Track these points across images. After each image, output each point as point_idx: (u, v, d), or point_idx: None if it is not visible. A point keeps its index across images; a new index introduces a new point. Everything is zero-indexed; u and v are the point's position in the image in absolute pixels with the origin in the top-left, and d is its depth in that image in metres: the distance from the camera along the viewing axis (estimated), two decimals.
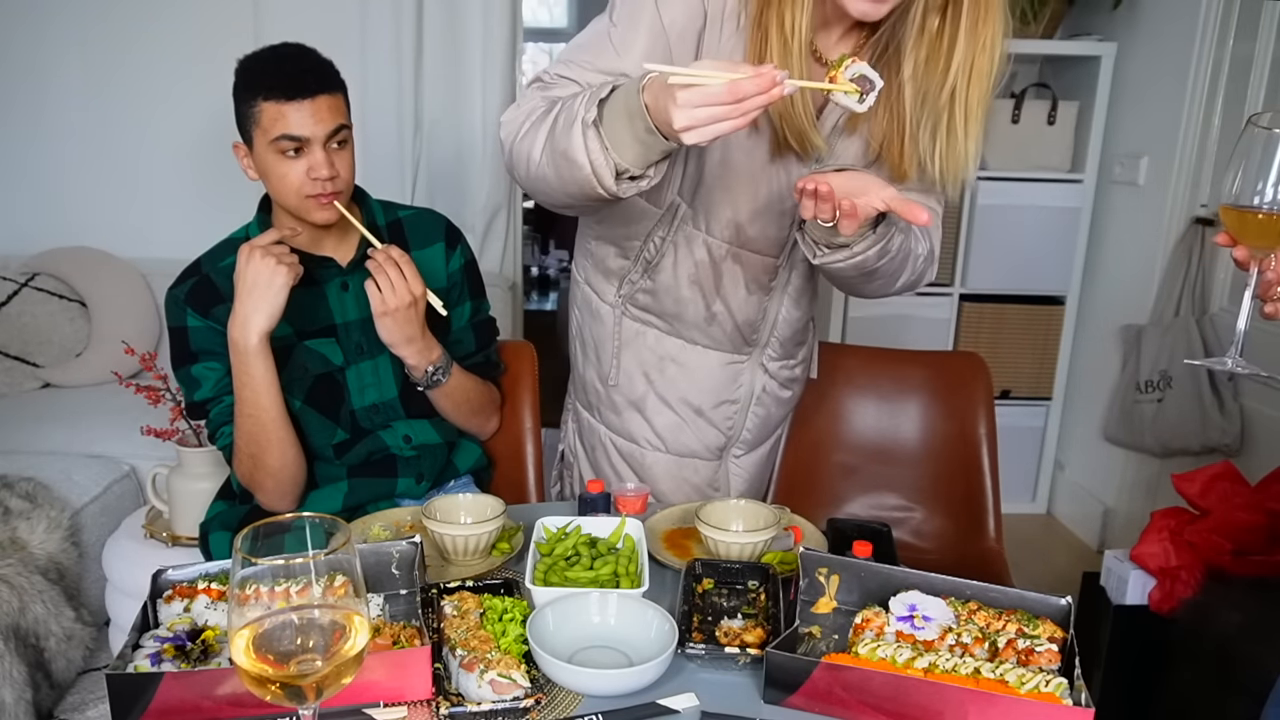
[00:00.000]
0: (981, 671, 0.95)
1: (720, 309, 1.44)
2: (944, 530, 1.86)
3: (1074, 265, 3.15)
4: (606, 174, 1.06)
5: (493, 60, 2.93)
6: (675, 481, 1.56)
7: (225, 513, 1.54)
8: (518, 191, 3.15)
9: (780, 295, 1.47)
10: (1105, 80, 2.99)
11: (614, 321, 1.50)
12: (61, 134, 2.89)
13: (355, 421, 1.51)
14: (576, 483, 1.68)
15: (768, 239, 1.38)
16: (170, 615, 1.05)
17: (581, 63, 1.23)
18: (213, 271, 1.45)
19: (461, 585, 1.13)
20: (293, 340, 1.45)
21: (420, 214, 1.60)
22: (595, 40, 1.25)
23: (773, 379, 1.56)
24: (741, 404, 1.55)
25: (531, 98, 1.22)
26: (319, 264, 1.47)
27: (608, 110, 1.05)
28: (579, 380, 1.62)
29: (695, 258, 1.40)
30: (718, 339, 1.48)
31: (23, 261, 2.78)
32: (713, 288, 1.42)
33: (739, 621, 1.11)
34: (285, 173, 1.38)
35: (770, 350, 1.53)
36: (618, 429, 1.56)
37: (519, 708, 0.94)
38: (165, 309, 1.47)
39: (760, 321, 1.48)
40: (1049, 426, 3.30)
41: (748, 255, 1.40)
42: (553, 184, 1.15)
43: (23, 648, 1.85)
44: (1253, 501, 1.91)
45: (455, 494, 1.33)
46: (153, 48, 2.85)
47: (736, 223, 1.37)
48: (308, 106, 1.35)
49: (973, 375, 1.88)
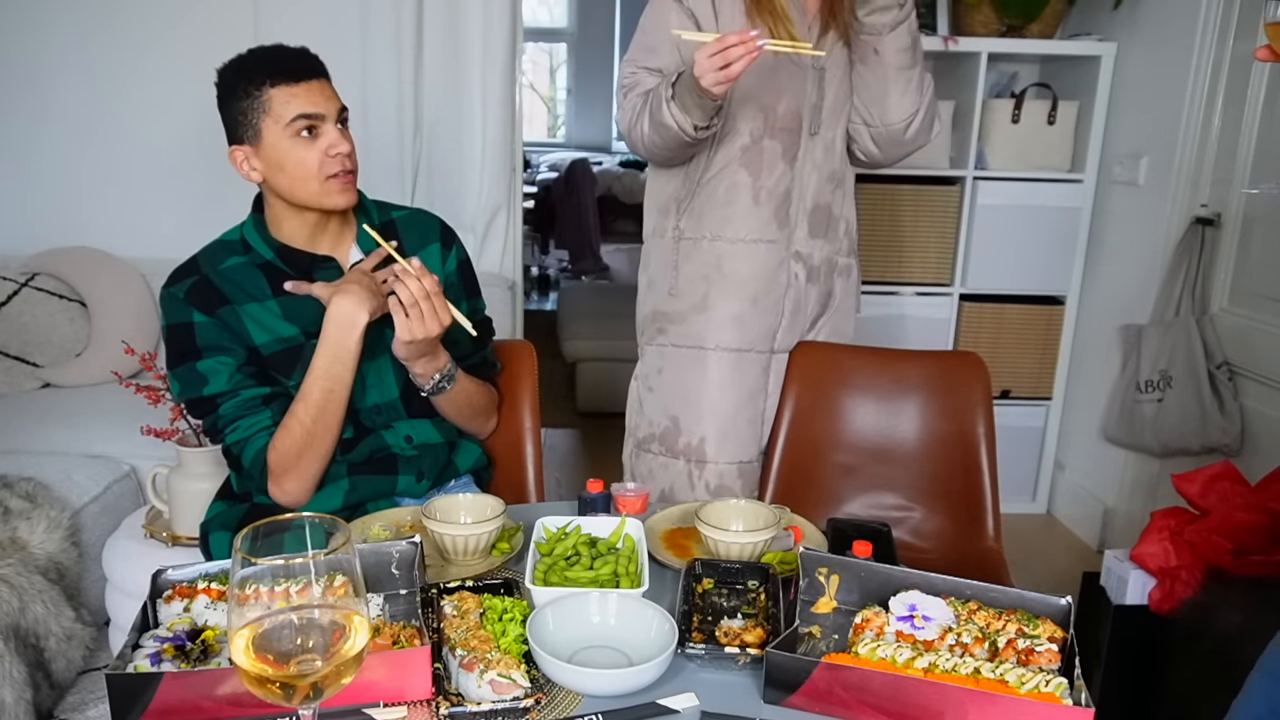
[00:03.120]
0: (981, 671, 0.95)
1: (764, 186, 1.78)
2: (943, 530, 1.86)
3: (1074, 265, 3.16)
4: (688, 127, 1.61)
5: (493, 60, 2.93)
6: (732, 386, 1.84)
7: (225, 513, 1.53)
8: (518, 191, 3.15)
9: (805, 163, 1.79)
10: (1105, 80, 3.00)
11: (672, 247, 1.85)
12: (62, 134, 2.89)
13: (358, 420, 1.50)
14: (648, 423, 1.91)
15: (789, 113, 1.75)
16: (170, 615, 1.05)
17: (633, 63, 1.76)
18: (213, 274, 1.44)
19: (461, 585, 1.13)
20: (300, 340, 1.45)
21: (414, 214, 1.61)
22: (638, 43, 1.77)
23: (803, 265, 1.85)
24: (780, 290, 1.84)
25: (627, 100, 1.75)
26: (318, 263, 1.47)
27: (678, 88, 1.59)
28: (645, 317, 1.93)
29: (740, 144, 1.77)
30: (760, 227, 1.79)
31: (23, 261, 2.78)
32: (756, 164, 1.77)
33: (739, 621, 1.11)
34: (304, 156, 1.38)
35: (800, 230, 1.82)
36: (684, 337, 1.85)
37: (519, 708, 0.94)
38: (162, 308, 1.46)
39: (792, 190, 1.80)
40: (1049, 426, 3.30)
41: (778, 131, 1.76)
42: (659, 145, 1.70)
43: (23, 648, 1.85)
44: (1253, 501, 1.91)
45: (455, 494, 1.33)
46: (153, 48, 2.84)
47: (764, 106, 1.75)
48: (316, 86, 1.39)
49: (972, 375, 1.88)
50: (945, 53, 2.99)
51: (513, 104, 3.02)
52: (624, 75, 1.78)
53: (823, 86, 1.76)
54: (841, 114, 1.81)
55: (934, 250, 3.15)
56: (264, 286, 1.45)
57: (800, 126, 1.77)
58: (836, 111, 1.80)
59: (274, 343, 1.44)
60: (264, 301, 1.44)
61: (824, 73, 1.75)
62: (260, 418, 1.42)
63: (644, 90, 1.70)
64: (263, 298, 1.44)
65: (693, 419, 1.84)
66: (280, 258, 1.46)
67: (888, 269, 3.16)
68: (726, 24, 1.68)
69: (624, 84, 1.77)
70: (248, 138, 1.40)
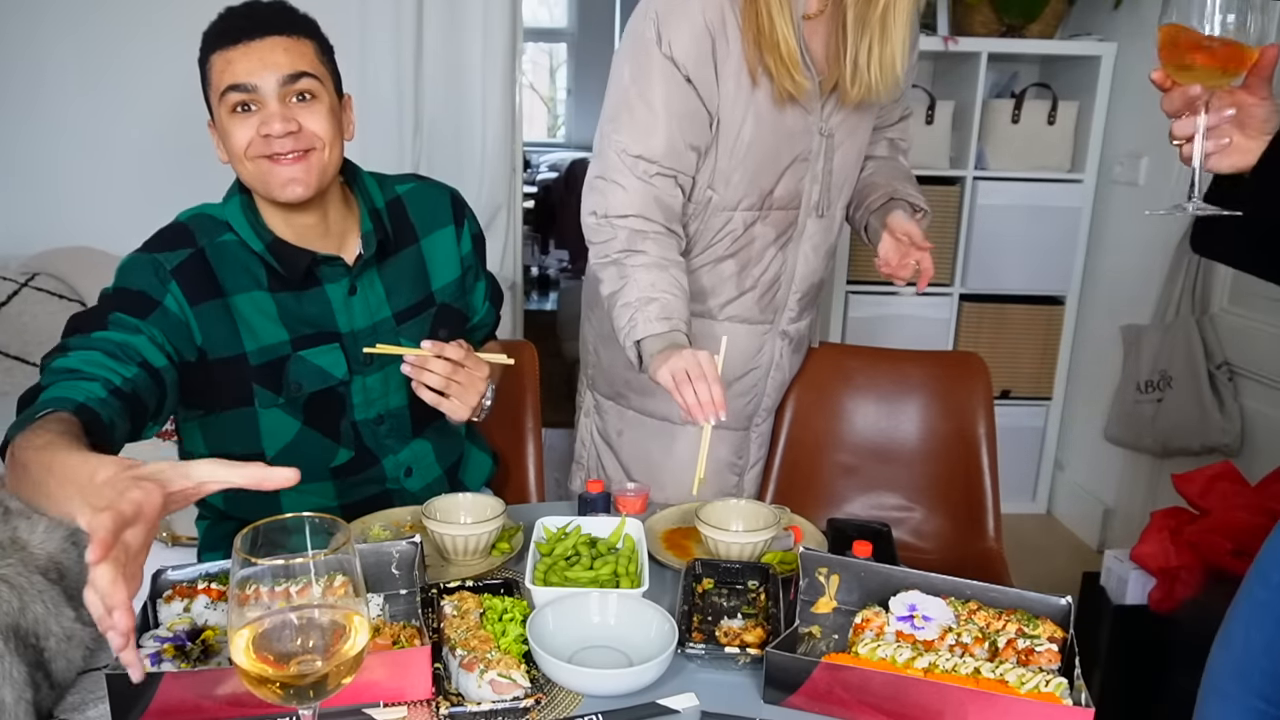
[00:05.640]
0: (981, 671, 0.95)
1: (750, 274, 1.58)
2: (944, 530, 1.86)
3: (1074, 265, 3.15)
4: (634, 364, 1.42)
5: (493, 60, 2.93)
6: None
7: (209, 531, 1.43)
8: (518, 191, 3.15)
9: (798, 244, 1.59)
10: (1105, 80, 2.99)
11: None
12: (61, 134, 2.89)
13: (359, 437, 1.36)
14: (597, 472, 1.74)
15: (789, 193, 1.54)
16: (170, 615, 1.05)
17: (621, 148, 1.43)
18: (209, 247, 1.24)
19: (461, 585, 1.13)
20: (286, 351, 1.28)
21: (421, 188, 1.43)
22: (622, 110, 1.43)
23: (789, 341, 1.71)
24: (763, 369, 1.69)
25: (602, 232, 1.45)
26: (322, 261, 1.29)
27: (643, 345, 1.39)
28: (602, 374, 1.71)
29: (729, 229, 1.54)
30: (745, 308, 1.61)
31: (23, 261, 2.78)
32: (745, 254, 1.56)
33: (739, 621, 1.11)
34: (233, 131, 1.19)
35: (789, 311, 1.66)
36: (650, 410, 1.65)
37: (519, 708, 0.94)
38: (131, 270, 1.21)
39: (782, 275, 1.61)
40: (1049, 426, 3.30)
41: (774, 214, 1.55)
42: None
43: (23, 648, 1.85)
44: (1253, 501, 1.91)
45: (455, 494, 1.33)
46: (151, 47, 2.84)
47: (761, 188, 1.51)
48: (255, 49, 1.17)
49: (972, 375, 1.88)
50: (945, 53, 2.99)
51: (513, 104, 3.02)
52: (605, 165, 1.45)
53: (829, 159, 1.53)
54: (848, 185, 1.62)
55: (934, 250, 3.14)
56: (262, 275, 1.27)
57: (800, 206, 1.56)
58: (843, 185, 1.60)
59: (258, 353, 1.26)
60: (260, 293, 1.26)
61: (831, 139, 1.52)
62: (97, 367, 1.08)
63: (619, 250, 1.43)
64: (260, 288, 1.26)
65: (656, 486, 1.61)
66: (273, 254, 1.26)
67: None
68: (729, 91, 1.43)
69: (601, 175, 1.45)
70: (211, 115, 1.24)
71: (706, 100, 1.42)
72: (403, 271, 1.39)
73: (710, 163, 1.48)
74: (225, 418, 1.29)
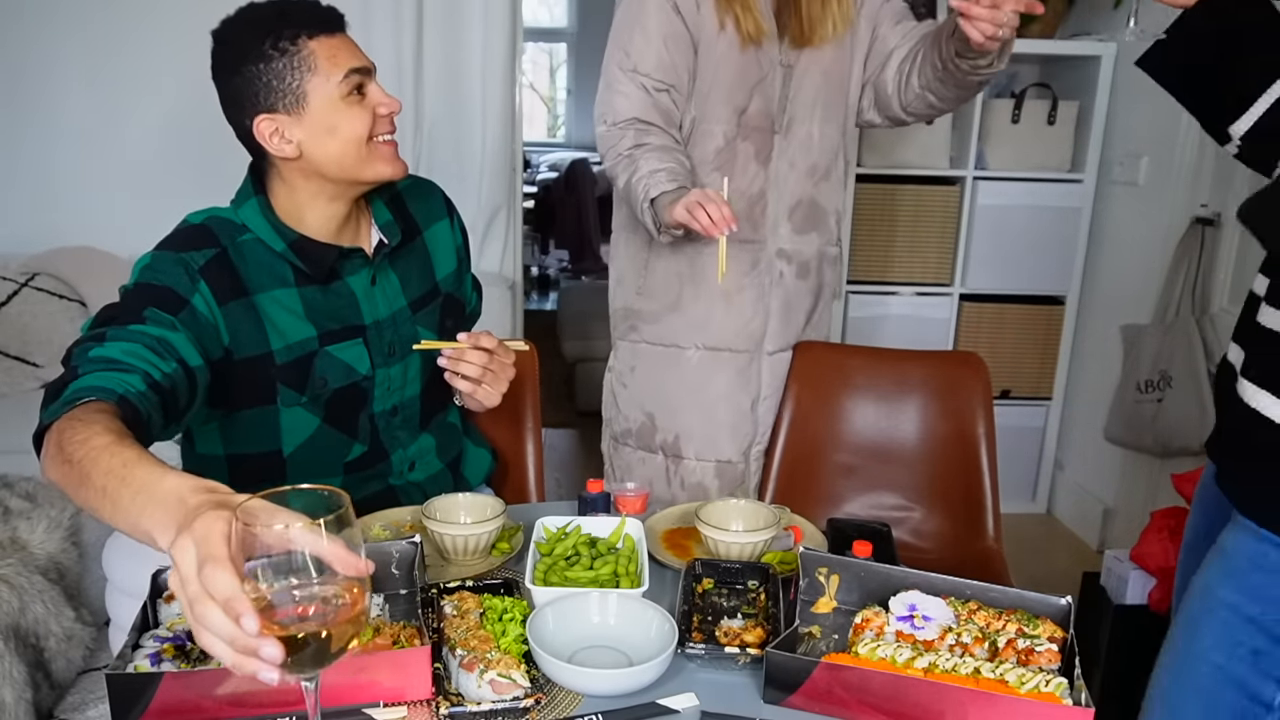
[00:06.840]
0: (981, 671, 0.95)
1: (737, 188, 1.75)
2: (943, 530, 1.86)
3: (1074, 265, 3.15)
4: (653, 230, 1.66)
5: (493, 60, 2.94)
6: (708, 386, 1.84)
7: None
8: (518, 191, 3.15)
9: (776, 162, 1.78)
10: (1105, 80, 2.99)
11: (643, 244, 1.85)
12: (62, 134, 2.89)
13: (374, 431, 1.38)
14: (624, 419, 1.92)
15: (760, 113, 1.75)
16: (170, 615, 1.05)
17: (621, 63, 1.72)
18: (231, 247, 1.24)
19: (461, 585, 1.14)
20: (314, 347, 1.29)
21: (417, 184, 1.48)
22: (623, 31, 1.73)
23: (791, 263, 1.83)
24: (764, 286, 1.82)
25: (609, 138, 1.71)
26: (343, 255, 1.30)
27: (656, 203, 1.61)
28: (616, 312, 1.95)
29: (713, 144, 1.75)
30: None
31: (23, 261, 2.78)
32: (729, 169, 1.75)
33: (739, 621, 1.11)
34: (356, 117, 1.22)
35: (783, 229, 1.81)
36: (658, 336, 1.86)
37: (519, 708, 0.94)
38: (155, 268, 1.18)
39: (768, 191, 1.78)
40: (1049, 426, 3.30)
41: (753, 134, 1.75)
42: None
43: (23, 648, 1.85)
44: None
45: (455, 494, 1.33)
46: (153, 47, 2.84)
47: (735, 105, 1.74)
48: (348, 40, 1.24)
49: (972, 375, 1.88)
50: None
51: (513, 104, 3.02)
52: (609, 79, 1.74)
53: (789, 84, 1.75)
54: (818, 106, 1.77)
55: (934, 250, 3.15)
56: (287, 272, 1.27)
57: (772, 126, 1.76)
58: (812, 106, 1.77)
59: (285, 350, 1.27)
60: (287, 290, 1.27)
61: (791, 69, 1.73)
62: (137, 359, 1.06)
63: (630, 146, 1.67)
64: (286, 285, 1.27)
65: (667, 416, 1.86)
66: (296, 251, 1.26)
67: (887, 269, 3.16)
68: (707, 22, 1.68)
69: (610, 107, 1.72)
70: (284, 105, 1.20)
71: (691, 27, 1.70)
72: (412, 262, 1.42)
73: (694, 86, 1.74)
74: (245, 416, 1.29)
